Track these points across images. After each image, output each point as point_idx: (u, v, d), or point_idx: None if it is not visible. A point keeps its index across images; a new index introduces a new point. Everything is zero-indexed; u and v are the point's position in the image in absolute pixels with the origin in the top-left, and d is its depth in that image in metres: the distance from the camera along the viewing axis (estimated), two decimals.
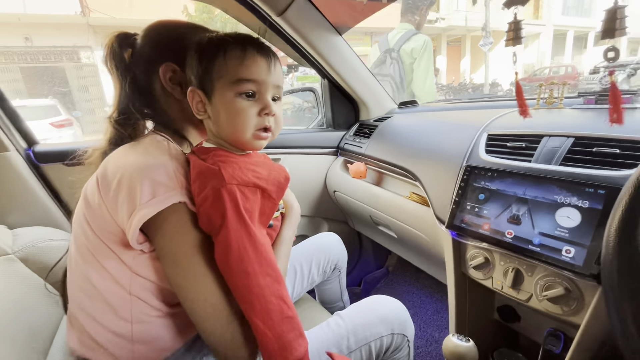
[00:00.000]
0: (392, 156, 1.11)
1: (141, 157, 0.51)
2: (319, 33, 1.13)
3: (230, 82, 0.50)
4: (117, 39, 0.60)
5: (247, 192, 0.49)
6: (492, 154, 0.78)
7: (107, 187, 0.49)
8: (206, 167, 0.50)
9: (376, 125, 1.31)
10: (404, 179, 1.07)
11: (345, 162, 1.40)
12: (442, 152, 0.92)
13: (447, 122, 1.06)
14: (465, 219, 0.74)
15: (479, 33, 11.90)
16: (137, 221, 0.46)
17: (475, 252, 0.75)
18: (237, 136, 0.52)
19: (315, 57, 1.20)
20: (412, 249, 1.16)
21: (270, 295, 0.47)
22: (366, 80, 1.36)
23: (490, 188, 0.72)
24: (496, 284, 0.72)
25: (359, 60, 1.31)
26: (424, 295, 1.55)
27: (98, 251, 0.52)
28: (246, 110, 0.51)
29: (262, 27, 1.13)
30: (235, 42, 0.51)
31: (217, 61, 0.50)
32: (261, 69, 0.51)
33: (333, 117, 1.47)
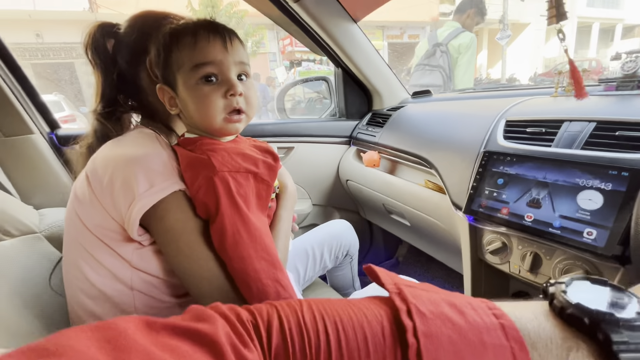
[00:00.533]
0: (407, 144, 1.10)
1: (132, 149, 0.50)
2: (336, 20, 1.13)
3: (189, 70, 0.49)
4: (100, 29, 0.58)
5: (239, 177, 0.49)
6: (510, 140, 0.78)
7: (99, 183, 0.49)
8: (195, 157, 0.50)
9: (390, 115, 1.31)
10: (418, 167, 1.07)
11: (358, 151, 1.40)
12: (459, 140, 0.92)
13: (463, 111, 1.06)
14: (483, 204, 0.74)
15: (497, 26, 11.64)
16: (136, 212, 0.46)
17: (492, 237, 0.75)
18: (209, 123, 0.51)
19: (331, 45, 1.20)
20: (425, 237, 1.17)
21: (266, 279, 0.47)
22: (381, 69, 1.35)
23: (509, 173, 0.72)
24: (513, 268, 0.72)
25: (374, 49, 1.30)
26: (435, 284, 1.55)
27: (94, 248, 0.51)
28: (210, 94, 0.50)
29: (278, 15, 1.13)
30: (186, 30, 0.50)
31: (173, 53, 0.50)
32: (216, 49, 0.49)
33: (346, 106, 1.47)
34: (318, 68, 9.25)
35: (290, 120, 1.52)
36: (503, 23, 10.02)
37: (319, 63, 11.09)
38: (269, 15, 1.16)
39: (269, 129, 1.34)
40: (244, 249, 0.46)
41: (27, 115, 0.88)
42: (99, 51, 0.57)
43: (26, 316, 0.56)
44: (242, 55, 0.52)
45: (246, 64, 0.53)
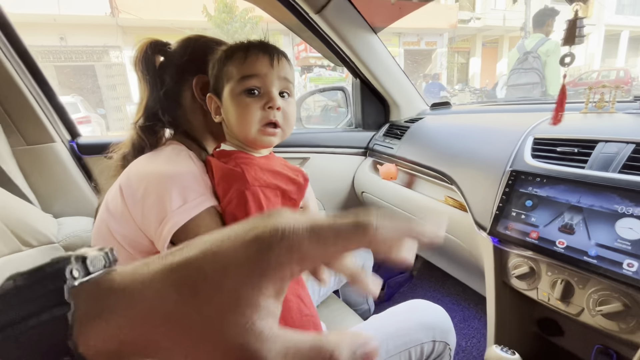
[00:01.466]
0: (426, 158, 1.07)
1: (166, 165, 0.52)
2: (355, 31, 1.11)
3: (236, 81, 0.52)
4: (151, 45, 0.60)
5: (269, 193, 0.50)
6: (539, 159, 0.74)
7: (132, 196, 0.49)
8: (229, 169, 0.51)
9: (408, 126, 1.28)
10: (438, 182, 1.04)
11: (374, 163, 1.38)
12: (483, 156, 0.88)
13: (486, 125, 1.02)
14: (509, 226, 0.70)
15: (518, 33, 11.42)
16: (168, 229, 0.46)
17: (518, 260, 0.71)
18: (245, 132, 0.53)
19: (350, 55, 1.19)
20: (444, 255, 1.13)
21: (289, 294, 0.47)
22: (399, 79, 1.33)
23: (538, 195, 0.68)
24: (542, 295, 0.68)
25: (393, 60, 1.28)
26: (450, 302, 1.50)
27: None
28: (250, 105, 0.52)
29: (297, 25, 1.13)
30: (240, 47, 0.53)
31: (225, 66, 0.53)
32: (262, 63, 0.52)
33: (363, 117, 1.45)
34: (329, 74, 9.30)
35: (306, 130, 1.51)
36: (525, 31, 9.84)
37: (330, 69, 11.15)
38: (289, 26, 1.16)
39: None
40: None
41: (50, 123, 0.90)
42: (148, 66, 0.60)
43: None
44: (287, 73, 0.54)
45: (290, 82, 0.55)
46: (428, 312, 0.71)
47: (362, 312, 1.11)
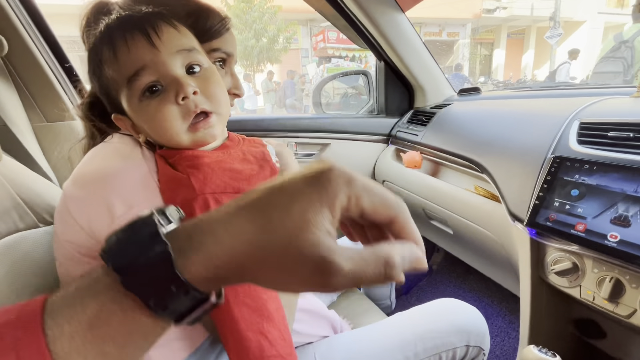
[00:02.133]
0: (455, 146, 1.01)
1: (107, 163, 0.43)
2: (383, 9, 1.05)
3: (125, 88, 0.41)
4: (94, 10, 0.49)
5: (225, 199, 0.41)
6: (586, 145, 0.67)
7: (76, 202, 0.42)
8: (173, 175, 0.42)
9: (434, 113, 1.21)
10: (466, 170, 0.98)
11: (397, 150, 1.32)
12: (518, 143, 0.81)
13: (521, 111, 0.95)
14: (551, 217, 0.64)
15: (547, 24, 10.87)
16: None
17: (559, 255, 0.65)
18: (176, 141, 0.43)
19: (376, 35, 1.13)
20: (470, 248, 1.07)
21: (246, 330, 0.38)
22: (427, 63, 1.26)
23: (587, 183, 0.61)
24: (586, 294, 0.61)
25: (421, 42, 1.21)
26: (472, 298, 1.44)
27: (77, 266, 0.45)
28: (159, 108, 0.41)
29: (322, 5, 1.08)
30: (102, 43, 0.41)
31: (103, 76, 0.42)
32: (139, 49, 0.39)
33: (386, 102, 1.39)
34: (348, 64, 9.16)
35: (327, 116, 1.46)
36: (554, 21, 9.35)
37: (348, 59, 10.98)
38: (314, 6, 1.11)
39: (304, 123, 1.29)
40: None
41: (70, 102, 0.89)
42: (90, 36, 0.48)
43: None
44: (180, 43, 0.42)
45: (190, 50, 0.42)
46: (462, 314, 0.65)
47: (383, 308, 1.07)
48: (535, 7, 12.69)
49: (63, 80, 0.88)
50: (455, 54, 14.00)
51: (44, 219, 0.62)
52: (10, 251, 0.55)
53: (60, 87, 0.86)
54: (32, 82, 0.81)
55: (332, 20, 1.20)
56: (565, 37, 12.85)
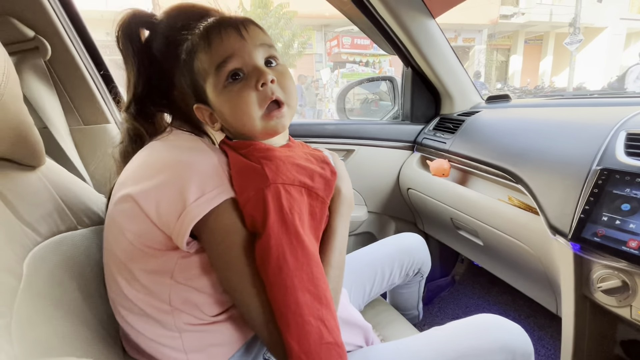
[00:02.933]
0: (486, 154, 0.98)
1: (179, 153, 0.47)
2: (413, 14, 1.04)
3: (212, 75, 0.45)
4: (134, 18, 0.53)
5: (293, 191, 0.44)
6: (635, 157, 0.64)
7: (142, 190, 0.44)
8: (247, 164, 0.45)
9: (462, 120, 1.19)
10: (498, 180, 0.95)
11: (423, 158, 1.30)
12: (557, 153, 0.79)
13: (558, 120, 0.92)
14: (599, 232, 0.61)
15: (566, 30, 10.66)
16: (187, 223, 0.42)
17: (606, 272, 0.62)
18: (250, 126, 0.46)
19: (404, 40, 1.11)
20: (502, 261, 1.03)
21: (308, 315, 0.40)
22: (455, 69, 1.24)
23: (639, 197, 0.58)
24: (637, 314, 0.58)
25: (450, 48, 1.19)
26: (497, 311, 1.39)
27: (133, 260, 0.47)
28: (240, 91, 0.45)
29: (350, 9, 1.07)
30: (199, 36, 0.46)
31: (194, 66, 0.47)
32: (230, 39, 0.45)
33: (412, 109, 1.37)
34: (362, 70, 9.15)
35: (351, 122, 1.45)
36: (574, 27, 9.15)
37: (363, 65, 10.98)
38: (340, 8, 1.11)
39: (330, 129, 1.28)
40: (287, 276, 0.40)
41: (106, 106, 0.91)
42: (133, 42, 0.53)
43: (86, 316, 0.54)
44: (263, 38, 0.47)
45: (270, 46, 0.48)
46: (506, 332, 0.62)
47: (409, 318, 1.04)
48: (554, 12, 12.46)
49: (100, 85, 0.90)
50: (470, 59, 13.84)
51: (82, 221, 0.63)
52: (51, 253, 0.55)
53: (97, 91, 0.88)
54: (71, 86, 0.83)
55: (359, 25, 1.19)
56: (586, 44, 12.55)
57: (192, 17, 0.53)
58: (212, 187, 0.43)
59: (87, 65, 0.86)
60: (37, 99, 0.75)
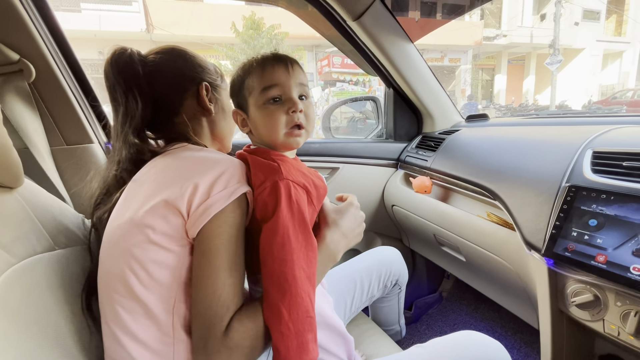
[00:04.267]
0: (465, 172, 1.01)
1: (200, 155, 0.54)
2: (392, 39, 1.09)
3: (258, 93, 0.56)
4: (130, 56, 0.59)
5: (299, 189, 0.53)
6: (600, 174, 0.67)
7: (171, 185, 0.49)
8: (267, 162, 0.54)
9: (443, 138, 1.23)
10: (478, 197, 0.98)
11: (406, 175, 1.32)
12: (531, 170, 0.82)
13: (532, 138, 0.96)
14: (570, 247, 0.63)
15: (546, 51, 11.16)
16: (207, 213, 0.47)
17: (579, 286, 0.63)
18: (274, 137, 0.57)
19: (385, 64, 1.16)
20: (484, 276, 1.05)
21: (301, 290, 0.47)
22: (435, 90, 1.29)
23: (605, 213, 0.61)
24: (609, 328, 0.60)
25: (429, 70, 1.24)
26: (484, 328, 1.40)
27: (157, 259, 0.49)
28: (275, 112, 0.56)
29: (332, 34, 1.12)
30: (257, 61, 0.58)
31: (245, 82, 0.58)
32: (279, 72, 0.56)
33: (395, 127, 1.41)
34: (352, 89, 9.36)
35: (336, 140, 1.48)
36: (554, 48, 9.58)
37: (352, 84, 11.23)
38: (323, 33, 1.15)
39: (315, 147, 1.30)
40: (289, 252, 0.48)
41: (89, 126, 0.91)
42: (137, 77, 0.58)
43: (64, 340, 0.53)
44: (302, 78, 0.59)
45: (306, 85, 0.59)
46: (485, 348, 0.63)
47: (392, 334, 1.03)
48: (535, 34, 13.05)
49: (84, 105, 0.91)
50: (457, 79, 14.28)
51: (60, 242, 0.62)
52: (27, 274, 0.54)
53: (81, 112, 0.89)
54: (54, 106, 0.84)
55: (340, 47, 1.24)
56: (566, 64, 13.12)
57: (189, 56, 0.64)
58: (234, 182, 0.50)
59: (72, 85, 0.87)
60: (19, 119, 0.76)
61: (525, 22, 13.50)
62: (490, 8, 13.64)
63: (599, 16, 13.94)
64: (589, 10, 13.66)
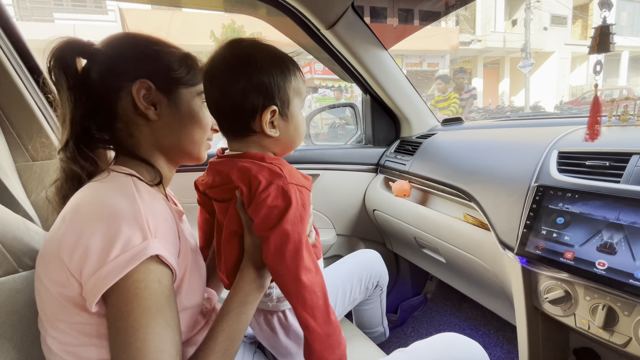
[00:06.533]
0: (441, 174, 1.03)
1: (105, 203, 0.43)
2: (366, 47, 1.11)
3: (301, 101, 0.56)
4: (69, 45, 0.49)
5: (304, 191, 0.52)
6: (566, 174, 0.70)
7: (67, 241, 0.42)
8: (268, 166, 0.51)
9: (420, 142, 1.25)
10: (454, 199, 1.00)
11: (386, 179, 1.34)
12: (503, 171, 0.84)
13: (503, 140, 0.99)
14: (540, 245, 0.65)
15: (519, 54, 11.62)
16: (103, 283, 0.39)
17: (551, 283, 0.65)
18: (299, 142, 0.58)
19: (360, 71, 1.18)
20: (464, 277, 1.06)
21: (320, 292, 0.48)
22: (410, 95, 1.31)
23: (570, 211, 0.63)
24: (580, 322, 0.61)
25: (404, 76, 1.27)
26: (468, 327, 1.42)
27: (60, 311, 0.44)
28: (305, 120, 0.59)
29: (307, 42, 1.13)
30: (292, 64, 0.54)
31: (293, 82, 0.54)
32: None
33: (373, 133, 1.42)
34: (333, 94, 9.45)
35: (316, 147, 1.48)
36: (526, 52, 9.98)
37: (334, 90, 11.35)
38: (299, 43, 1.16)
39: (294, 155, 1.30)
40: (303, 258, 0.47)
41: (57, 139, 0.88)
42: (68, 73, 0.49)
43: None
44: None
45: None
46: (464, 350, 0.64)
47: (377, 336, 1.04)
48: (507, 39, 13.58)
49: (50, 118, 0.88)
50: None
51: (24, 264, 0.59)
52: None
53: (47, 125, 0.85)
54: (18, 121, 0.80)
55: (317, 56, 1.25)
56: (537, 67, 13.69)
57: (138, 46, 0.53)
58: (136, 244, 0.40)
59: (37, 99, 0.84)
60: None
61: (498, 28, 14.03)
62: (464, 14, 14.11)
63: (566, 21, 14.66)
64: (556, 16, 14.34)
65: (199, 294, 0.54)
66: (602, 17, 0.56)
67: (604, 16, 0.56)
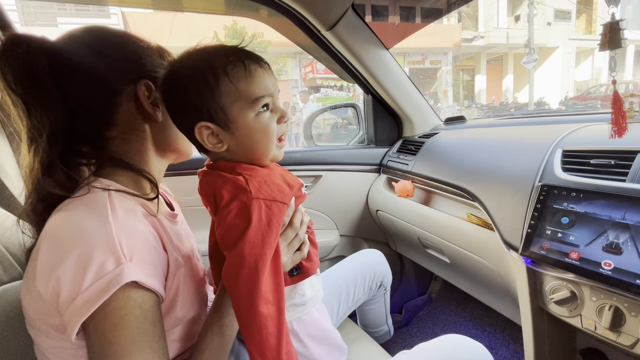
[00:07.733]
0: (444, 174, 1.03)
1: (76, 226, 0.40)
2: (367, 47, 1.10)
3: (247, 104, 0.47)
4: (34, 43, 0.43)
5: (274, 207, 0.47)
6: (570, 173, 0.69)
7: (41, 271, 0.39)
8: (232, 179, 0.47)
9: (422, 142, 1.24)
10: (458, 199, 0.99)
11: (389, 180, 1.33)
12: (507, 170, 0.83)
13: (506, 138, 0.98)
14: (545, 246, 0.64)
15: (522, 50, 11.53)
16: (81, 310, 0.37)
17: (556, 283, 0.64)
18: (266, 153, 0.50)
19: (361, 71, 1.17)
20: (468, 277, 1.06)
21: (273, 328, 0.43)
22: (412, 95, 1.31)
23: (575, 211, 0.62)
24: (587, 323, 0.61)
25: (405, 75, 1.26)
26: (473, 327, 1.41)
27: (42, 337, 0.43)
28: (270, 124, 0.49)
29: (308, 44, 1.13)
30: (235, 59, 0.47)
31: (223, 86, 0.46)
32: (267, 76, 0.49)
33: (375, 133, 1.42)
34: (336, 94, 9.43)
35: (318, 148, 1.48)
36: (529, 47, 9.89)
37: (337, 89, 11.33)
38: (300, 44, 1.16)
39: (297, 156, 1.30)
40: (256, 285, 0.43)
41: None
42: (33, 76, 0.42)
43: None
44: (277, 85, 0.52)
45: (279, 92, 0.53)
46: (469, 352, 0.63)
47: (381, 335, 1.03)
48: (510, 35, 13.47)
49: None
50: (438, 80, 14.58)
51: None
52: None
53: None
54: None
55: (317, 57, 1.25)
56: (541, 62, 13.58)
57: (112, 43, 0.49)
58: (110, 269, 0.38)
59: None
60: None
61: (501, 24, 13.93)
62: (466, 11, 14.03)
63: (569, 16, 14.51)
64: (560, 11, 14.21)
65: (197, 301, 0.52)
66: (611, 14, 0.55)
67: (612, 12, 0.55)
